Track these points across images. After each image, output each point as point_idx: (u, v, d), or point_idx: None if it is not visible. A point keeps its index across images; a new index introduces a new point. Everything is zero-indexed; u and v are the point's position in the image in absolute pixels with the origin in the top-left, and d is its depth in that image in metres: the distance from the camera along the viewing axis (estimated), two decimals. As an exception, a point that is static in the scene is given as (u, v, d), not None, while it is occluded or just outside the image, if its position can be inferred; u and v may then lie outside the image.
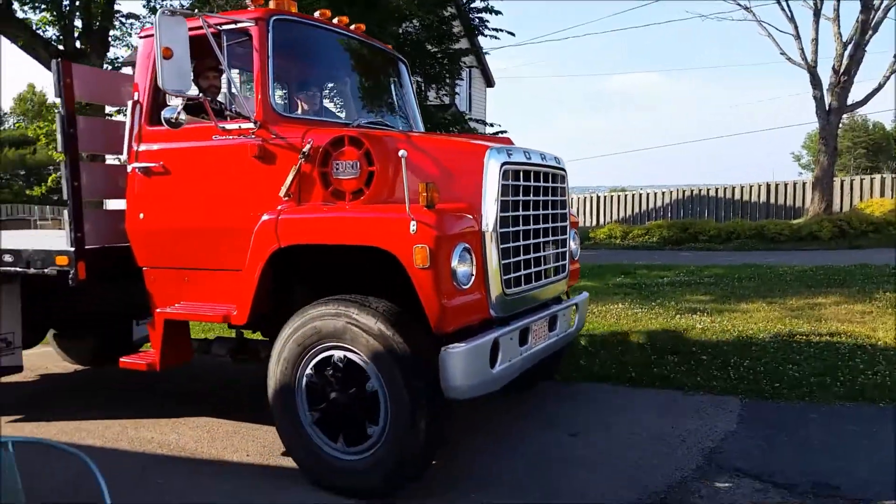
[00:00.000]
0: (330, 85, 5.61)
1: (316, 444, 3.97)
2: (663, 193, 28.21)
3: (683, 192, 27.76)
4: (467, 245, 3.74)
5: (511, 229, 4.09)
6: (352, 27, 5.18)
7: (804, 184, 25.27)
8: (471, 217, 3.85)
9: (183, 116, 4.12)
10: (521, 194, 4.18)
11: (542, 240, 4.49)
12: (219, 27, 4.28)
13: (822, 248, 17.27)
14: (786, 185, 25.68)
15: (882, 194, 23.57)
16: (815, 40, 21.83)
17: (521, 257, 4.23)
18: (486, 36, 17.74)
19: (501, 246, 3.98)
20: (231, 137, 4.31)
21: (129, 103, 4.76)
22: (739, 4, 23.28)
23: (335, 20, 5.00)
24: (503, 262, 4.01)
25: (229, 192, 4.34)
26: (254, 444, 4.81)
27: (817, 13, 21.48)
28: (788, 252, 16.87)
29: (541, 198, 4.43)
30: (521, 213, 4.20)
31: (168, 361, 4.59)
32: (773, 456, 4.29)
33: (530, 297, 4.40)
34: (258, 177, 4.24)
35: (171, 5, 17.30)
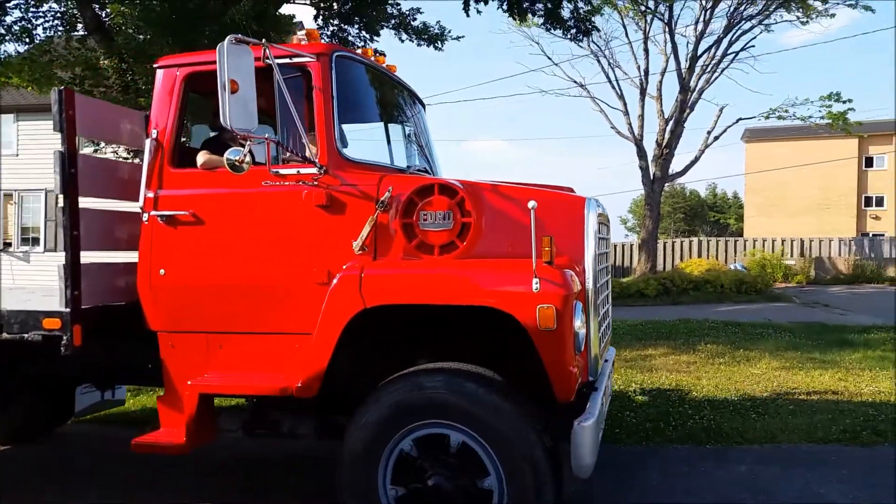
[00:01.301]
0: (372, 126, 5.05)
1: None
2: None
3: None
4: (581, 304, 3.48)
5: (599, 283, 3.86)
6: (384, 66, 4.76)
7: (631, 245, 27.41)
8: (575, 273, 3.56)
9: (249, 159, 3.54)
10: (602, 247, 4.03)
11: (608, 292, 4.37)
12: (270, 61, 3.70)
13: (648, 304, 18.56)
14: (615, 245, 27.49)
15: (699, 255, 26.11)
16: (642, 116, 24.01)
17: (604, 311, 4.01)
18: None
19: (598, 301, 3.76)
20: (287, 183, 3.82)
21: (147, 142, 4.10)
22: (575, 82, 25.18)
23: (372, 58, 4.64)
24: (597, 319, 3.78)
25: (285, 244, 3.82)
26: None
27: (643, 92, 23.69)
28: (619, 308, 17.94)
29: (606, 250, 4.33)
30: (603, 265, 4.06)
31: (196, 442, 3.90)
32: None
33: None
34: (323, 228, 3.77)
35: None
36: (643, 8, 23.18)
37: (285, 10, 9.83)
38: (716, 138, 23.30)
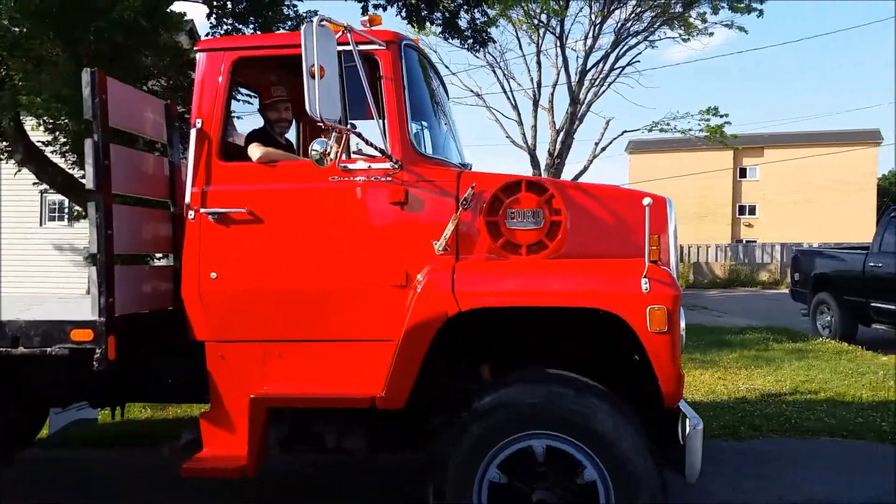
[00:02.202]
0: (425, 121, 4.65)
1: None
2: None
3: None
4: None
5: None
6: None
7: None
8: None
9: (335, 152, 3.33)
10: None
11: None
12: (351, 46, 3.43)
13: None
14: None
15: None
16: (535, 127, 24.70)
17: None
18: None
19: None
20: (357, 179, 3.56)
21: (192, 133, 3.72)
22: (472, 91, 25.14)
23: None
24: None
25: (356, 244, 3.58)
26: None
27: (536, 103, 24.53)
28: None
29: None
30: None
31: (260, 460, 3.55)
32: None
33: None
34: (399, 227, 3.55)
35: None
36: (536, 22, 24.03)
37: (176, 7, 9.33)
38: (602, 149, 24.19)
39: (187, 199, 3.70)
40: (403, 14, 14.06)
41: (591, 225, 3.56)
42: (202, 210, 3.66)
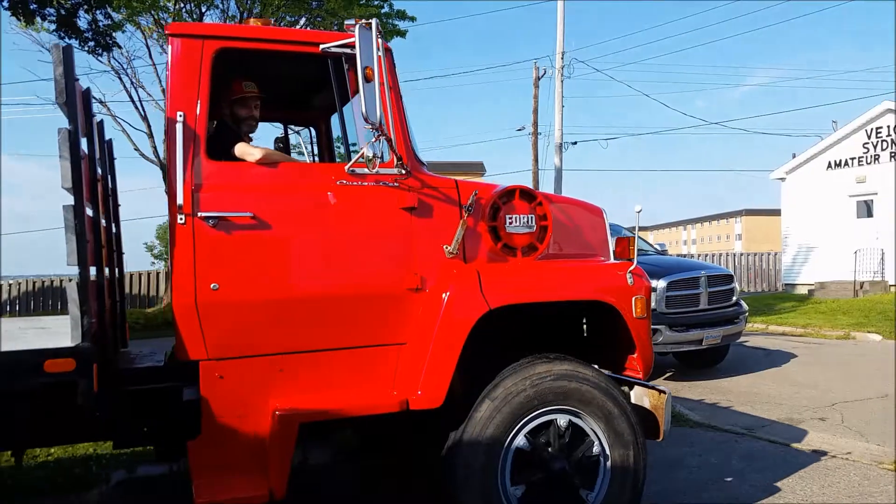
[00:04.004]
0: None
1: None
2: None
3: None
4: None
5: None
6: None
7: (158, 273, 26.16)
8: None
9: (382, 155, 3.36)
10: None
11: None
12: (328, 49, 3.44)
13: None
14: (139, 274, 25.97)
15: None
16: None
17: None
18: None
19: None
20: (365, 184, 3.50)
21: (178, 127, 3.27)
22: (96, 99, 21.36)
23: None
24: None
25: (370, 249, 3.52)
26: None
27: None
28: (147, 340, 13.36)
29: None
30: None
31: (284, 484, 3.23)
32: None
33: None
34: (410, 232, 3.57)
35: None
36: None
37: None
38: None
39: (179, 202, 3.26)
40: (6, 5, 12.43)
41: (562, 230, 4.05)
42: (199, 214, 3.28)
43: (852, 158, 21.42)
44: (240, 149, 3.55)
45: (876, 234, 20.46)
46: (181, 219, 3.27)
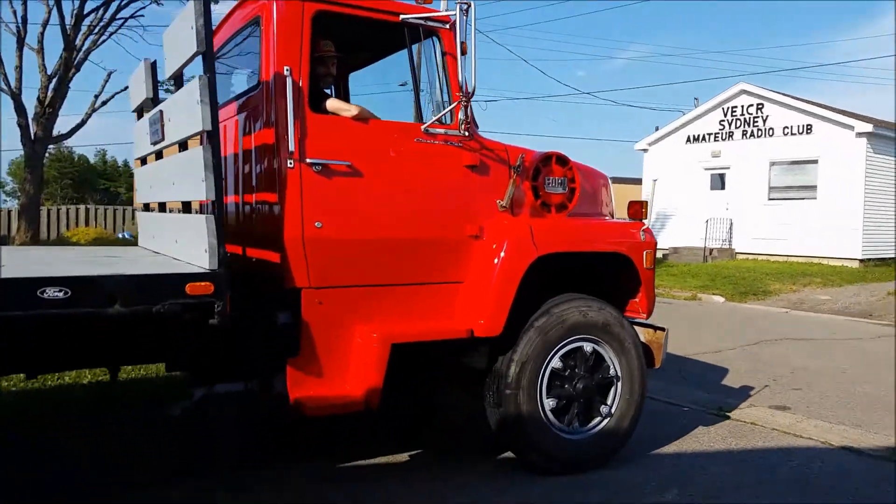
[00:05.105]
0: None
1: (554, 430, 4.25)
2: None
3: None
4: None
5: None
6: None
7: (10, 211, 24.90)
8: None
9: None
10: None
11: None
12: (408, 20, 3.90)
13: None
14: None
15: (87, 223, 25.33)
16: (20, 68, 20.58)
17: None
18: None
19: None
20: (437, 143, 4.01)
21: (288, 82, 3.62)
22: None
23: None
24: None
25: (442, 200, 4.08)
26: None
27: (21, 41, 20.40)
28: None
29: None
30: None
31: (380, 395, 3.76)
32: None
33: None
34: (472, 186, 4.14)
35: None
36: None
37: None
38: (104, 103, 21.66)
39: (290, 148, 3.60)
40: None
41: (583, 193, 4.69)
42: (306, 161, 3.65)
43: (709, 134, 22.73)
44: (333, 104, 3.90)
45: (726, 204, 21.87)
46: (290, 163, 3.64)
